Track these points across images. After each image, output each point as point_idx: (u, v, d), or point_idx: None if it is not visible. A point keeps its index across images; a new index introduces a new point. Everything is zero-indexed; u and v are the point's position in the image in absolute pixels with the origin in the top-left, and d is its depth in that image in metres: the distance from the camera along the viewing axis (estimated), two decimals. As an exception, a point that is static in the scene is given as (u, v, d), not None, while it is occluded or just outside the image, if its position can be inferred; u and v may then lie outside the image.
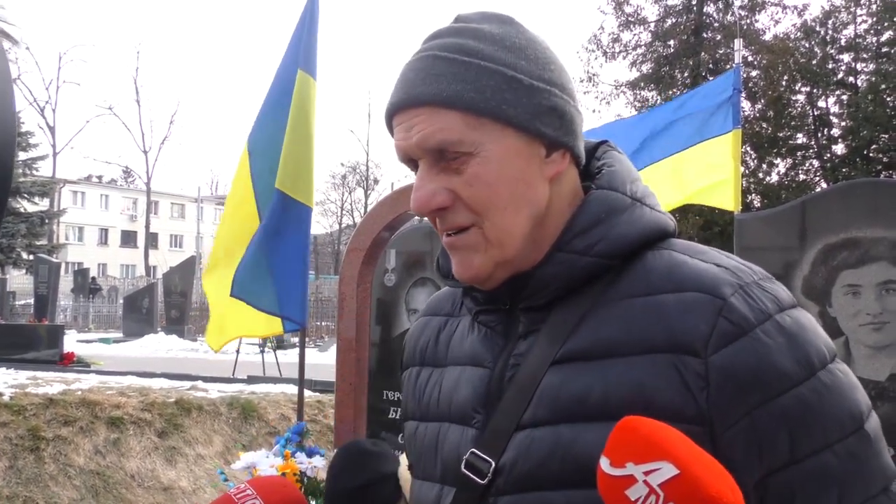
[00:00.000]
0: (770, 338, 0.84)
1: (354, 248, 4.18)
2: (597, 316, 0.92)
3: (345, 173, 51.15)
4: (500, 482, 0.92)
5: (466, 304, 1.05)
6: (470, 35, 0.94)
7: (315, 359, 12.98)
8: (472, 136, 0.91)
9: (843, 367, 0.88)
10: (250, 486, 1.21)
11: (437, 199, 0.94)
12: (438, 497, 1.00)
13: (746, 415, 0.83)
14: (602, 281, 0.94)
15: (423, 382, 1.11)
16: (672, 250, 0.94)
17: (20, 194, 29.23)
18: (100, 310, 28.44)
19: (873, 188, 3.29)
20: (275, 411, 7.17)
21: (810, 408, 0.83)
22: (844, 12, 24.91)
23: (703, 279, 0.88)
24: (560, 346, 0.92)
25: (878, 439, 0.86)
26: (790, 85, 25.27)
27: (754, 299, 0.86)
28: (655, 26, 26.85)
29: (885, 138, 23.81)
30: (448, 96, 0.91)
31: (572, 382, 0.90)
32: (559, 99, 0.95)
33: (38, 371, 8.44)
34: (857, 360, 3.09)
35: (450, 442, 1.00)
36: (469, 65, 0.92)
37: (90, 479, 5.83)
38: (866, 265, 3.12)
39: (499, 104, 0.91)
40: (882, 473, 0.85)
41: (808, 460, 0.83)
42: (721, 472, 0.75)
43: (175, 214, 64.79)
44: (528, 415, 0.92)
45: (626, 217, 0.95)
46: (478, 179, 0.92)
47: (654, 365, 0.86)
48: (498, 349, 0.99)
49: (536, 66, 0.94)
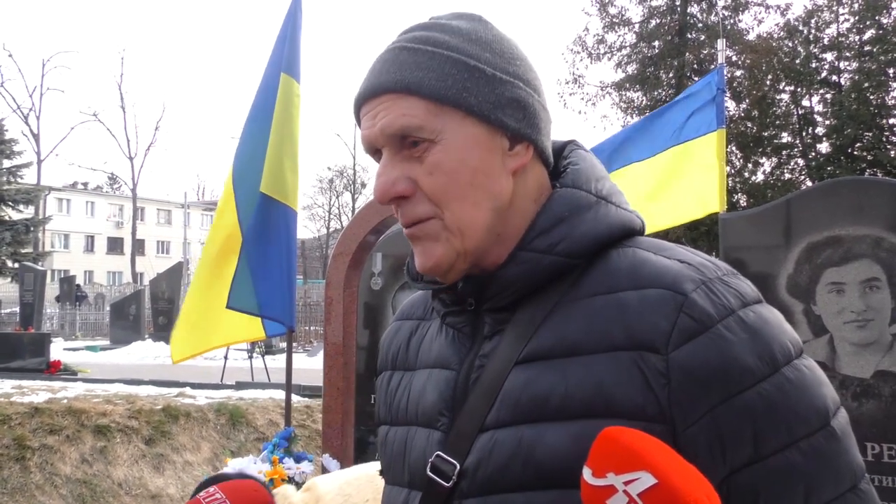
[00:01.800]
0: (732, 333, 0.83)
1: (340, 253, 4.17)
2: (560, 315, 0.91)
3: (332, 177, 51.12)
4: (465, 485, 0.91)
5: (435, 307, 1.05)
6: (437, 29, 0.96)
7: (304, 364, 12.95)
8: (434, 122, 0.92)
9: (809, 363, 0.87)
10: (219, 490, 1.20)
11: (398, 186, 0.94)
12: (406, 502, 0.99)
13: (708, 412, 0.82)
14: (566, 280, 0.93)
15: (393, 387, 1.10)
16: (637, 248, 0.94)
17: (5, 202, 29.03)
18: (86, 317, 28.25)
19: (857, 186, 3.30)
20: (263, 417, 7.14)
21: (774, 404, 0.82)
22: (827, 11, 25.10)
23: (665, 275, 0.88)
24: (523, 346, 0.92)
25: (847, 436, 0.85)
26: (774, 84, 25.43)
27: (717, 295, 0.85)
28: (640, 27, 26.97)
29: (869, 136, 23.99)
30: (410, 83, 0.92)
31: (535, 383, 0.89)
32: (522, 91, 0.95)
33: (24, 380, 8.38)
34: (842, 358, 3.10)
35: (416, 446, 0.99)
36: (433, 54, 0.93)
37: (77, 488, 5.78)
38: (850, 263, 3.14)
39: (460, 92, 0.92)
40: (850, 471, 0.84)
41: (773, 458, 0.81)
42: (699, 479, 0.75)
43: (162, 220, 64.49)
44: (491, 416, 0.91)
45: (590, 215, 0.94)
46: (438, 168, 0.92)
47: (616, 363, 0.85)
48: (465, 351, 0.98)
49: (501, 59, 0.95)
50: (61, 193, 55.96)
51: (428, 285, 1.03)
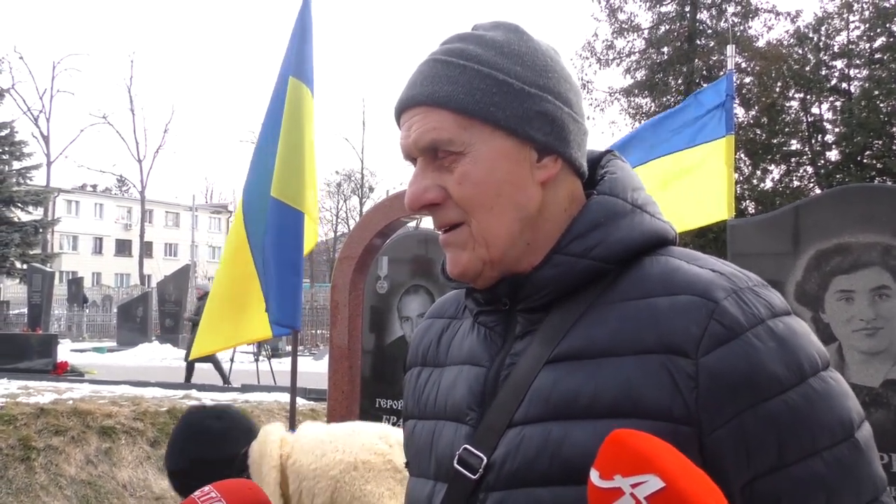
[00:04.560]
0: (761, 342, 0.84)
1: (346, 256, 4.17)
2: (592, 318, 0.93)
3: (340, 181, 51.14)
4: (491, 478, 0.93)
5: (468, 306, 1.07)
6: (473, 41, 0.99)
7: (309, 367, 12.96)
8: (463, 136, 0.95)
9: (835, 376, 0.88)
10: (214, 489, 1.19)
11: (429, 195, 0.98)
12: (431, 493, 1.01)
13: (735, 417, 0.83)
14: (600, 285, 0.95)
15: (422, 382, 1.12)
16: (670, 256, 0.96)
17: (14, 203, 29.17)
18: (94, 319, 28.36)
19: (866, 193, 3.28)
20: (268, 420, 7.13)
21: (800, 413, 0.83)
22: (837, 19, 25.01)
23: (697, 283, 0.89)
24: (554, 346, 0.94)
25: (870, 448, 0.86)
26: (784, 91, 25.34)
27: (747, 304, 0.87)
28: (649, 33, 26.93)
29: (879, 144, 23.87)
30: (440, 97, 0.96)
31: (564, 381, 0.91)
32: (551, 105, 0.97)
33: (30, 381, 8.40)
34: (851, 366, 3.08)
35: (444, 439, 1.01)
36: (464, 68, 0.96)
37: (81, 489, 5.79)
38: (859, 271, 3.11)
39: (487, 106, 0.95)
40: (872, 483, 0.85)
41: (796, 466, 0.83)
42: (709, 485, 0.75)
43: (170, 223, 64.70)
44: (520, 412, 0.93)
45: (625, 222, 0.97)
46: (466, 178, 0.96)
47: (645, 365, 0.87)
48: (496, 349, 1.00)
49: (532, 73, 0.97)
50: (70, 195, 56.19)
51: (462, 284, 1.06)
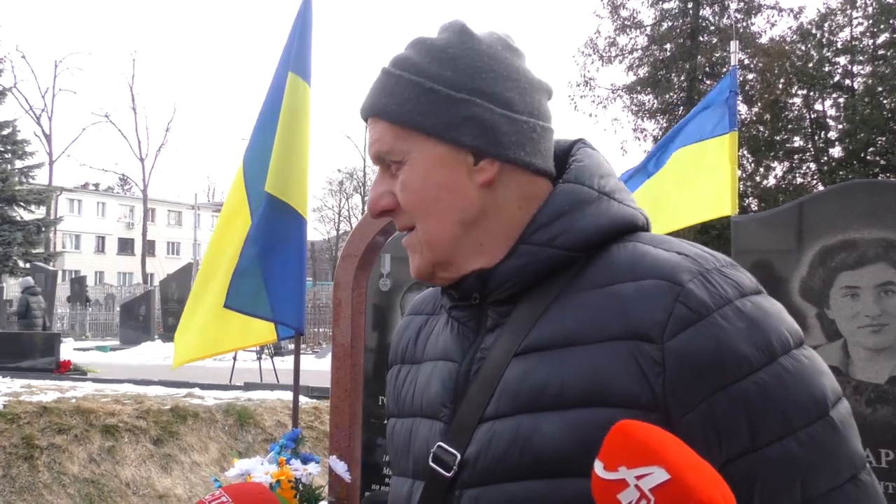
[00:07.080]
0: (729, 322, 0.83)
1: (349, 254, 4.15)
2: (559, 307, 0.93)
3: (342, 179, 51.22)
4: (465, 475, 0.93)
5: (443, 302, 1.08)
6: (417, 47, 1.00)
7: (312, 365, 12.96)
8: (401, 145, 0.98)
9: (809, 353, 0.87)
10: (225, 493, 1.18)
11: (382, 201, 1.01)
12: (410, 492, 1.01)
13: (704, 400, 0.82)
14: (567, 273, 0.95)
15: (401, 380, 1.13)
16: (637, 242, 0.95)
17: (16, 202, 29.23)
18: (96, 318, 28.38)
19: (870, 189, 3.26)
20: (271, 418, 7.13)
21: (770, 393, 0.82)
22: (840, 15, 24.97)
23: (663, 267, 0.89)
24: (522, 338, 0.93)
25: (847, 426, 0.85)
26: (787, 88, 25.31)
27: (713, 285, 0.86)
28: (651, 30, 26.92)
29: (882, 141, 23.83)
30: (378, 109, 1.00)
31: (532, 373, 0.91)
32: (480, 108, 0.96)
33: (34, 379, 8.40)
34: (856, 363, 3.06)
35: (420, 436, 1.02)
36: (399, 78, 0.98)
37: (84, 488, 5.78)
38: (864, 267, 3.09)
39: (415, 116, 0.97)
40: (850, 461, 0.84)
41: (770, 447, 0.82)
42: (714, 476, 0.74)
43: (172, 222, 64.75)
44: (490, 407, 0.93)
45: (590, 210, 0.96)
46: (406, 186, 0.99)
47: (612, 353, 0.86)
48: (468, 344, 1.01)
49: (463, 77, 0.97)
50: (72, 194, 56.26)
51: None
